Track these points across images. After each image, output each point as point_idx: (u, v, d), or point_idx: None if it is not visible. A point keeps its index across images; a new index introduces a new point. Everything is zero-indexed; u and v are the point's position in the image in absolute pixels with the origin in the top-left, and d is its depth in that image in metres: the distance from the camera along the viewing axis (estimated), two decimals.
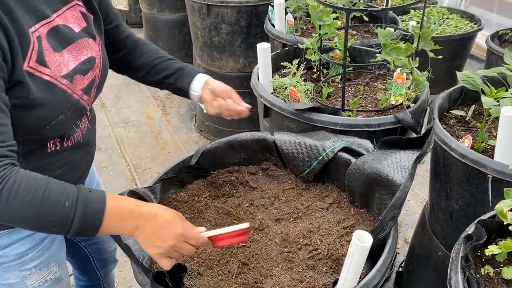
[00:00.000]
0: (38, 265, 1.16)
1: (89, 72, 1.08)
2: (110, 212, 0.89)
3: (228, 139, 1.43)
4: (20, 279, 1.14)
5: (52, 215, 0.85)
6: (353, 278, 0.96)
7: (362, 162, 1.24)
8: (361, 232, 0.92)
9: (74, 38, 1.06)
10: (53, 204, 0.85)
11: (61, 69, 1.00)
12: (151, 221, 0.92)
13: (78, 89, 1.06)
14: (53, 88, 0.99)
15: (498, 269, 1.07)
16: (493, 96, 1.44)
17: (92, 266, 1.50)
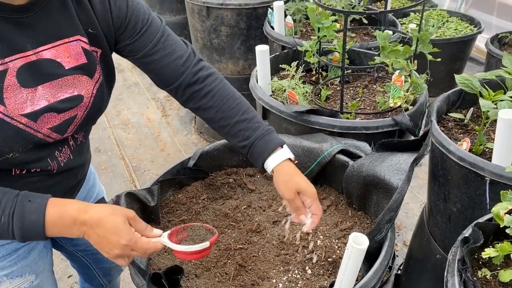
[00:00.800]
0: (10, 274, 1.13)
1: (68, 110, 1.00)
2: (51, 222, 0.88)
3: (226, 141, 1.43)
4: None
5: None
6: (349, 281, 0.96)
7: (360, 165, 1.25)
8: (358, 235, 0.92)
9: (57, 75, 0.97)
10: None
11: (23, 107, 0.94)
12: (95, 228, 0.89)
13: (45, 128, 0.98)
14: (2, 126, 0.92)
15: (495, 272, 1.07)
16: (491, 99, 1.44)
17: (93, 274, 1.49)
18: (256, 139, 1.10)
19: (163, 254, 1.20)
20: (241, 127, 1.11)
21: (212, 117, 1.14)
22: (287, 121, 1.64)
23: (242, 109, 1.13)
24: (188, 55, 1.15)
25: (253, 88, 1.79)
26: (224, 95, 1.13)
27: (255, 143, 1.10)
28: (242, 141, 1.11)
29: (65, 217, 0.89)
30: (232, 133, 1.12)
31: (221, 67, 2.87)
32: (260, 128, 1.11)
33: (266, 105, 1.69)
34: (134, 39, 1.08)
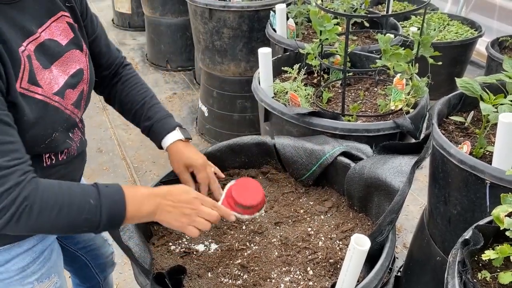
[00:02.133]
0: (40, 278, 1.16)
1: (78, 85, 1.06)
2: (130, 199, 0.95)
3: (229, 142, 1.44)
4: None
5: (81, 216, 0.89)
6: (351, 282, 0.97)
7: (361, 167, 1.26)
8: (359, 236, 0.93)
9: (61, 52, 1.03)
10: (80, 206, 0.89)
11: (52, 87, 0.99)
12: (167, 195, 1.00)
13: (69, 104, 1.04)
14: (46, 107, 0.97)
15: (495, 274, 1.08)
16: (491, 103, 1.46)
17: (91, 272, 1.51)
18: (156, 120, 1.24)
19: (166, 254, 1.21)
20: (145, 110, 1.26)
21: (123, 100, 1.28)
22: (289, 123, 1.66)
23: (148, 96, 1.29)
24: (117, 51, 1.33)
25: (255, 90, 1.81)
26: (136, 83, 1.29)
27: (155, 124, 1.25)
28: (144, 121, 1.26)
29: (140, 194, 0.98)
30: (137, 114, 1.26)
31: (223, 69, 2.88)
32: (160, 113, 1.27)
33: (268, 107, 1.71)
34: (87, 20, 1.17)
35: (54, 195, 0.87)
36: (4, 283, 1.09)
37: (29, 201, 0.83)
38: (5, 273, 1.08)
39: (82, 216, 0.89)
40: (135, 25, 5.20)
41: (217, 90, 2.99)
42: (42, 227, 0.87)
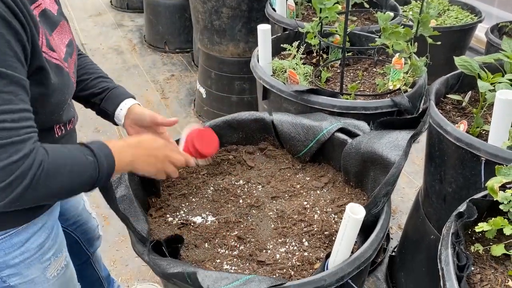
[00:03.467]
0: (55, 253, 1.18)
1: (72, 55, 1.08)
2: (114, 152, 0.99)
3: (227, 118, 1.45)
4: (41, 272, 1.15)
5: (86, 173, 0.93)
6: (345, 251, 0.99)
7: (358, 142, 1.27)
8: (355, 205, 0.94)
9: (57, 21, 1.04)
10: (84, 164, 0.93)
11: (60, 53, 1.00)
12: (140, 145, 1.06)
13: (72, 72, 1.07)
14: (62, 71, 0.99)
15: (488, 247, 1.10)
16: (489, 81, 1.46)
17: (81, 249, 1.52)
18: (111, 89, 1.27)
19: (163, 225, 1.22)
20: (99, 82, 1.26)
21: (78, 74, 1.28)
22: (288, 100, 1.66)
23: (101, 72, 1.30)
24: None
25: (254, 68, 1.80)
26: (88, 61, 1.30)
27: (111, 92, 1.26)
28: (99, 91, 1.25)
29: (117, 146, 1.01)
30: (90, 85, 1.25)
31: (221, 49, 2.87)
32: (113, 83, 1.30)
33: (267, 84, 1.71)
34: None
35: (63, 158, 0.91)
36: (26, 263, 1.10)
37: (44, 165, 0.86)
38: (27, 252, 1.09)
39: (87, 173, 0.93)
40: (133, 6, 5.15)
41: (215, 71, 2.98)
42: (56, 189, 0.90)
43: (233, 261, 1.12)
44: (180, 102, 3.50)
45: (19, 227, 1.05)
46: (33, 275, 1.13)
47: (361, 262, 1.00)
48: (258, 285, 0.92)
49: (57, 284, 1.22)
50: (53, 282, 1.20)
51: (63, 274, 1.24)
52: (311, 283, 0.96)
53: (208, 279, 0.91)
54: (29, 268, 1.11)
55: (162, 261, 0.98)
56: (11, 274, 1.08)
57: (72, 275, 1.32)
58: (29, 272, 1.12)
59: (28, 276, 1.12)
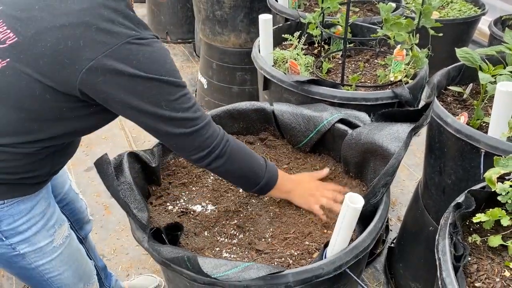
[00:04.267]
0: (57, 221, 1.26)
1: None
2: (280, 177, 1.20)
3: (228, 107, 1.45)
4: (49, 241, 1.23)
5: (253, 169, 1.15)
6: (343, 240, 1.00)
7: (358, 133, 1.27)
8: (354, 195, 0.94)
9: None
10: (257, 161, 1.17)
11: None
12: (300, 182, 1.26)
13: None
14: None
15: (485, 238, 1.10)
16: (490, 73, 1.46)
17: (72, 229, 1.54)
18: None
19: (163, 213, 1.23)
20: None
21: None
22: (288, 91, 1.66)
23: None
24: None
25: (255, 58, 1.80)
26: None
27: None
28: None
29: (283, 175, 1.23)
30: None
31: (223, 40, 2.86)
32: None
33: (268, 75, 1.70)
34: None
35: (243, 148, 1.16)
36: (33, 229, 1.18)
37: (229, 142, 1.11)
38: (33, 218, 1.18)
39: (253, 169, 1.15)
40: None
41: (217, 62, 2.98)
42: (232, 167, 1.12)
43: (232, 249, 1.13)
44: None
45: (25, 196, 1.15)
46: (41, 243, 1.21)
47: (359, 251, 1.01)
48: (256, 272, 0.93)
49: (65, 254, 1.30)
50: (61, 252, 1.28)
51: (69, 244, 1.32)
52: (308, 272, 0.97)
53: (207, 265, 0.92)
54: (36, 235, 1.19)
55: (162, 247, 0.99)
56: (20, 241, 1.17)
57: (79, 248, 1.40)
58: (37, 239, 1.20)
59: (36, 244, 1.20)
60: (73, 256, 1.34)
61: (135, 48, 0.96)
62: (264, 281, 0.95)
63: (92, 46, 0.94)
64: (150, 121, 1.02)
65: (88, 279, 1.44)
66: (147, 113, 1.00)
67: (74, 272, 1.35)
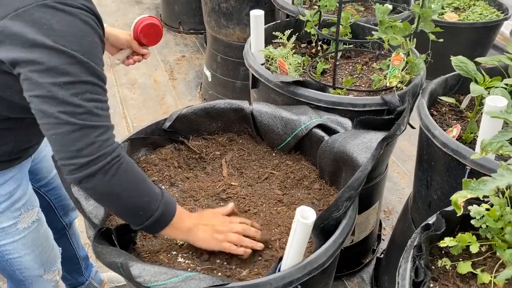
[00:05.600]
0: (25, 205, 1.24)
1: None
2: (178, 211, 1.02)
3: (205, 105, 1.40)
4: (13, 222, 1.21)
5: (145, 198, 0.96)
6: (296, 255, 0.94)
7: (333, 140, 1.21)
8: (306, 209, 0.89)
9: None
10: (150, 188, 0.97)
11: None
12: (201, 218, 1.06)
13: None
14: None
15: (456, 262, 1.03)
16: (486, 85, 1.37)
17: (55, 215, 1.53)
18: None
19: None
20: None
21: None
22: (275, 91, 1.60)
23: None
24: None
25: (246, 55, 1.74)
26: None
27: None
28: None
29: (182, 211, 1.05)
30: None
31: (228, 33, 2.81)
32: None
33: (256, 73, 1.65)
34: None
35: (137, 170, 0.97)
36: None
37: (122, 159, 0.93)
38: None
39: (145, 198, 0.96)
40: None
41: (221, 55, 2.93)
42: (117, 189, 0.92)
43: (188, 254, 1.09)
44: (187, 84, 3.47)
45: None
46: (4, 223, 1.20)
47: (312, 268, 0.96)
48: (197, 284, 0.88)
49: (29, 238, 1.28)
50: (25, 236, 1.26)
51: (36, 229, 1.29)
52: (256, 286, 0.92)
53: (146, 273, 0.88)
54: (0, 215, 1.18)
55: (104, 249, 0.95)
56: None
57: (46, 234, 1.37)
58: (1, 220, 1.18)
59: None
60: (38, 241, 1.33)
61: (52, 12, 0.85)
62: None
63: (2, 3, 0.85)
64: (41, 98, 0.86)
65: (50, 265, 1.43)
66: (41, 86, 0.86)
67: (36, 257, 1.34)
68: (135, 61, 1.38)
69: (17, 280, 1.35)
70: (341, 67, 1.88)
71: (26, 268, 1.32)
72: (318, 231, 1.02)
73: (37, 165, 1.41)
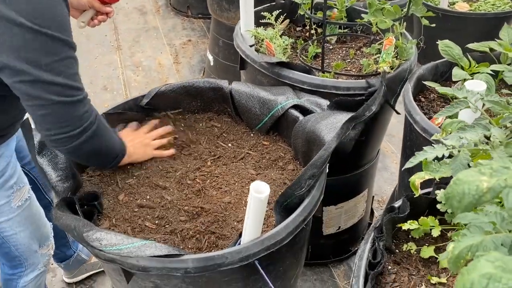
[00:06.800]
0: (17, 182, 1.26)
1: None
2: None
3: (184, 83, 1.40)
4: (6, 201, 1.23)
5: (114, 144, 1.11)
6: (253, 230, 0.94)
7: (306, 120, 1.19)
8: (260, 183, 0.88)
9: None
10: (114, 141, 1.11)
11: None
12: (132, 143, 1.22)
13: None
14: None
15: (421, 247, 1.02)
16: (471, 71, 1.33)
17: (40, 193, 1.55)
18: None
19: (99, 184, 1.21)
20: None
21: None
22: (261, 72, 1.58)
23: None
24: None
25: (235, 36, 1.73)
26: None
27: None
28: None
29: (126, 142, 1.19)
30: None
31: (230, 17, 2.79)
32: None
33: (243, 53, 1.64)
34: None
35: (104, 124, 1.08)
36: None
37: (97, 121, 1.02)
38: None
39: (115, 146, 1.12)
40: None
41: (223, 39, 2.91)
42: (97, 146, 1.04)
43: (152, 230, 1.10)
44: (191, 68, 3.47)
45: None
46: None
47: (270, 243, 0.95)
48: (153, 252, 0.89)
49: (23, 216, 1.31)
50: (19, 213, 1.29)
51: (28, 207, 1.33)
52: (211, 259, 0.92)
53: (103, 238, 0.89)
54: None
55: (64, 215, 0.96)
56: None
57: (38, 211, 1.41)
58: None
59: None
60: (31, 218, 1.36)
61: None
62: (163, 263, 0.91)
63: None
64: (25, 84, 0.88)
65: (44, 240, 1.46)
66: (23, 73, 0.87)
67: (31, 234, 1.37)
68: (100, 21, 1.34)
69: (13, 256, 1.38)
70: (334, 52, 1.85)
71: (21, 244, 1.35)
72: (281, 208, 1.01)
73: (20, 143, 1.42)
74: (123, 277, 0.96)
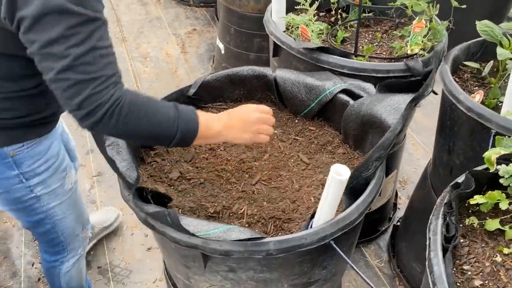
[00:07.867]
0: (68, 165, 1.32)
1: None
2: (201, 119, 1.01)
3: (228, 72, 1.41)
4: (61, 183, 1.29)
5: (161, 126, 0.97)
6: (329, 212, 0.97)
7: (359, 104, 1.21)
8: (340, 166, 0.91)
9: None
10: (163, 116, 0.97)
11: None
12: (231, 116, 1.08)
13: None
14: None
15: (483, 221, 1.05)
16: (511, 49, 1.36)
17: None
18: None
19: (157, 175, 1.22)
20: None
21: None
22: (297, 58, 1.60)
23: None
24: None
25: (266, 23, 1.74)
26: None
27: None
28: None
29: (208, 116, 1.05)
30: None
31: (242, 4, 2.78)
32: None
33: (278, 40, 1.65)
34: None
35: (142, 102, 0.97)
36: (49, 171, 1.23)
37: (121, 102, 0.92)
38: (50, 160, 1.23)
39: (160, 127, 0.97)
40: None
41: (235, 27, 2.91)
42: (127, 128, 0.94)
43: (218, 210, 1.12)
44: (199, 57, 3.46)
45: (40, 137, 1.18)
46: (55, 185, 1.27)
47: (344, 224, 0.98)
48: (238, 235, 0.92)
49: (73, 198, 1.36)
50: (70, 196, 1.34)
51: (76, 190, 1.38)
52: (291, 241, 0.95)
53: (190, 223, 0.91)
54: (51, 177, 1.25)
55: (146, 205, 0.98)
56: (38, 182, 1.22)
57: (80, 194, 1.46)
58: (51, 181, 1.25)
59: (50, 186, 1.26)
60: (78, 201, 1.41)
61: None
62: (245, 247, 0.94)
63: None
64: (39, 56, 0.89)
65: (86, 223, 1.51)
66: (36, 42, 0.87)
67: (77, 217, 1.41)
68: None
69: (57, 242, 1.41)
70: (361, 36, 1.87)
71: (67, 228, 1.38)
72: (348, 190, 1.04)
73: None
74: (201, 262, 0.99)
